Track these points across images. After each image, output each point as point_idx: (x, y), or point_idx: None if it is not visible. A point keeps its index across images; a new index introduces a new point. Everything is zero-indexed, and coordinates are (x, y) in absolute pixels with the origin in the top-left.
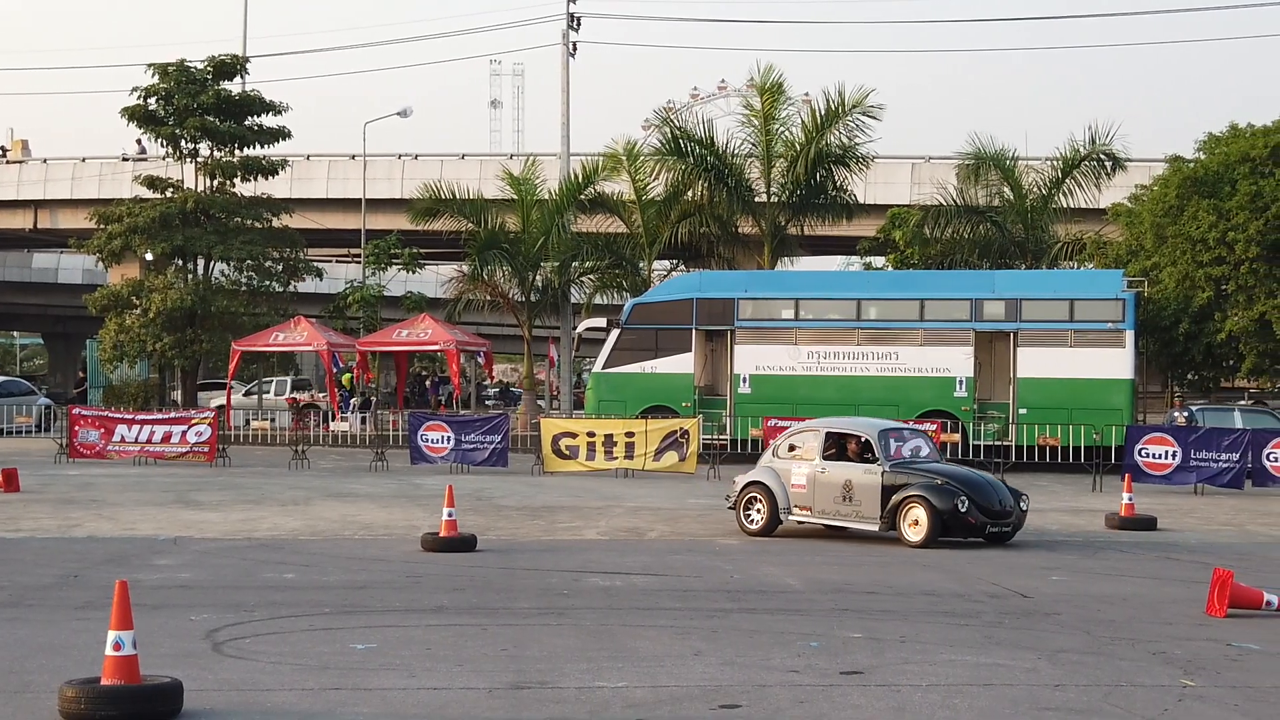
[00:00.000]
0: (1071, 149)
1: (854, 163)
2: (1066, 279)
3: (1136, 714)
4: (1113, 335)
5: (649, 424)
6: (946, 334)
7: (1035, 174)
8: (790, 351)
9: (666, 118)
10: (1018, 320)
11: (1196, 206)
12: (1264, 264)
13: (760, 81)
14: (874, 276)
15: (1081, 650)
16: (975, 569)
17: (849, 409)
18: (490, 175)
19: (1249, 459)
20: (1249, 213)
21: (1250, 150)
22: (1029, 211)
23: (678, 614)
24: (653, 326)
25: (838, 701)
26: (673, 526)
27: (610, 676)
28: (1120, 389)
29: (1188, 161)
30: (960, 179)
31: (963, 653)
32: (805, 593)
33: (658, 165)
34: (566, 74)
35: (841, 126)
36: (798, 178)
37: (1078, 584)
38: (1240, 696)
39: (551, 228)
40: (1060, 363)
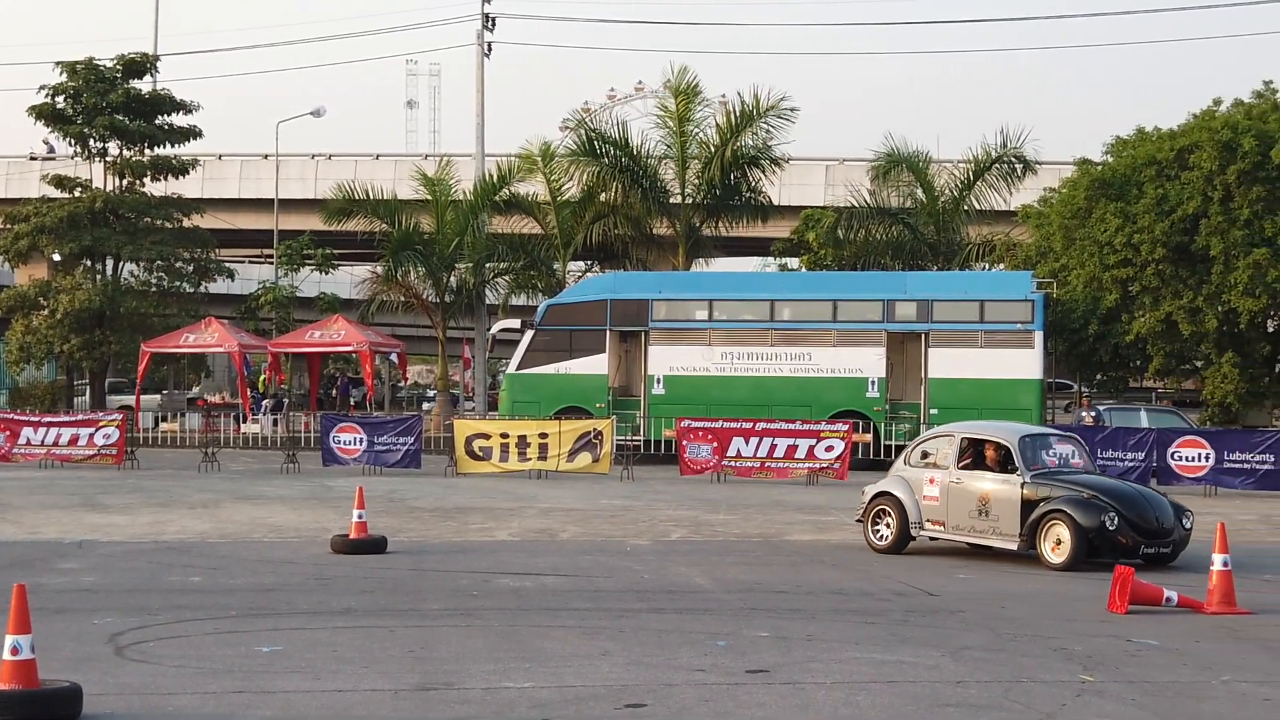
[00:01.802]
0: (983, 151)
1: (769, 164)
2: (977, 280)
3: (1035, 709)
4: (1022, 336)
5: (563, 425)
6: (859, 335)
7: (947, 176)
8: (704, 352)
9: (582, 119)
10: (929, 321)
11: (1104, 209)
12: (1169, 266)
13: (675, 83)
14: (787, 278)
15: (985, 647)
16: (884, 568)
17: (762, 409)
18: (405, 176)
19: (1154, 458)
20: (1154, 215)
21: (1156, 154)
22: (941, 213)
23: (587, 614)
24: (567, 328)
25: (743, 700)
26: (585, 527)
27: (517, 677)
28: (1029, 389)
29: (1095, 165)
30: (874, 180)
31: (868, 650)
32: (715, 592)
33: (572, 166)
34: (481, 74)
35: (756, 128)
36: (712, 179)
37: (985, 582)
38: (1137, 691)
39: (466, 228)
40: (971, 363)
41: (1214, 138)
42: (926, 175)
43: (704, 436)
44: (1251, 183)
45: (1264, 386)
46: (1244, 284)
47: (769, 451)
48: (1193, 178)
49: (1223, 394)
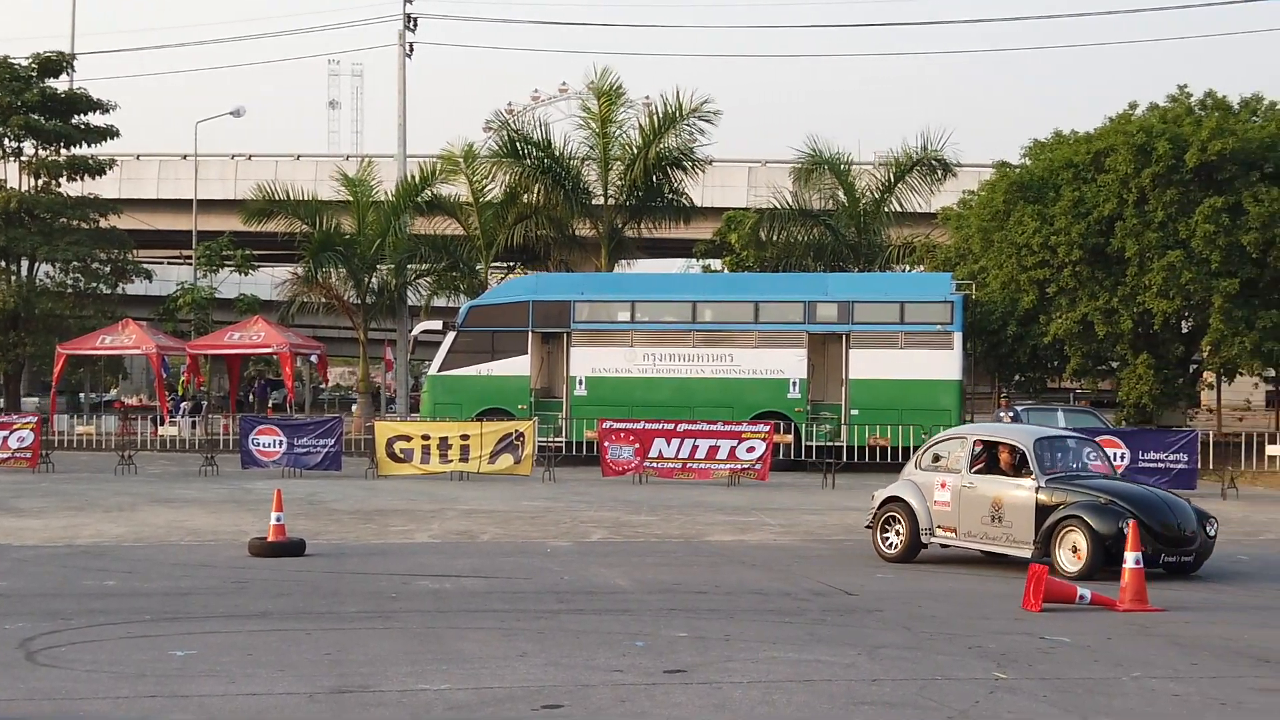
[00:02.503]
0: (904, 154)
1: (691, 166)
2: (897, 282)
3: (949, 706)
4: (942, 337)
5: (484, 426)
6: (780, 336)
7: (869, 178)
8: (626, 354)
9: (506, 120)
10: (850, 322)
11: (1022, 211)
12: (1086, 267)
13: (598, 84)
14: (709, 279)
15: (901, 646)
16: (803, 568)
17: (684, 410)
18: (327, 176)
19: None
20: (1071, 217)
21: (1073, 157)
22: (862, 215)
23: (506, 616)
24: (489, 329)
25: (659, 700)
26: (506, 529)
27: (434, 679)
28: (949, 390)
29: (1014, 167)
30: (796, 182)
31: (785, 650)
32: (634, 593)
33: (495, 168)
34: (403, 75)
35: (679, 130)
36: (635, 180)
37: (903, 581)
38: (1049, 688)
39: (388, 229)
40: (891, 364)
41: (1129, 141)
42: (848, 177)
43: (626, 438)
44: (1165, 186)
45: (1178, 387)
46: (1158, 286)
47: (690, 452)
48: (1108, 181)
49: (1138, 394)
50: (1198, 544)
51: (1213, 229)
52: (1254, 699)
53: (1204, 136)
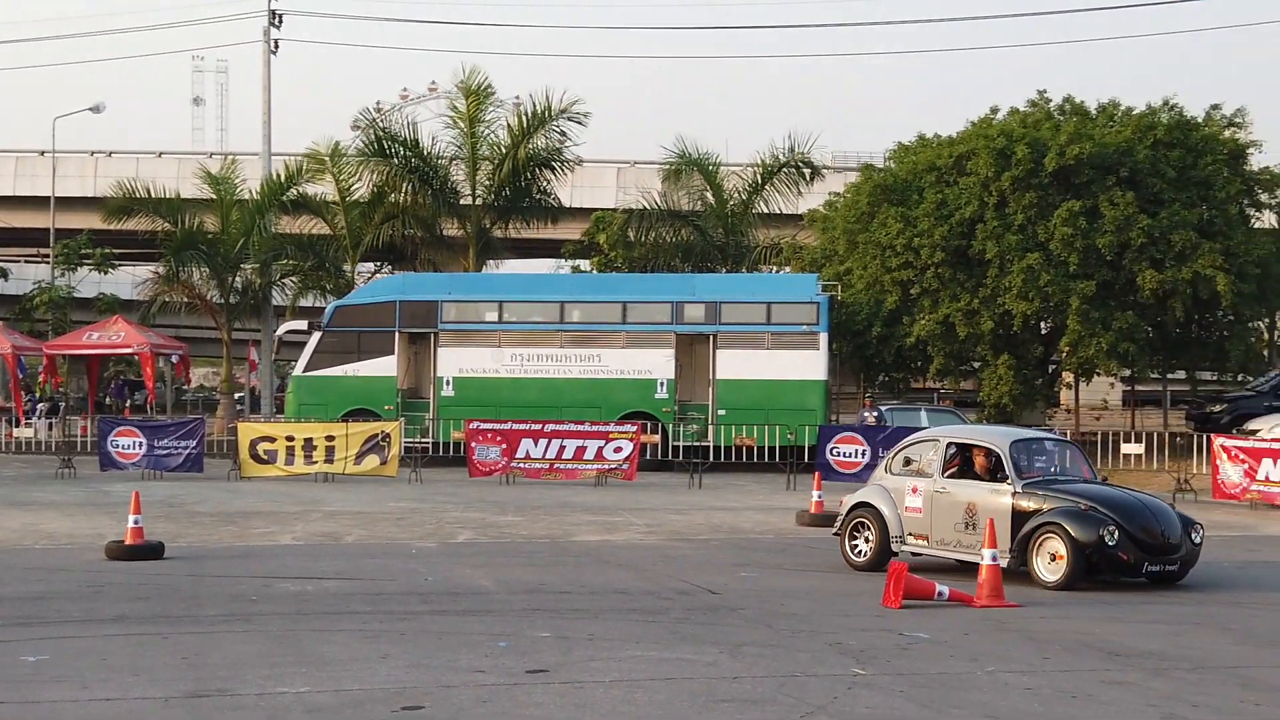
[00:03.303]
0: (771, 156)
1: (560, 166)
2: (764, 283)
3: (807, 702)
4: (807, 337)
5: (350, 427)
6: (648, 336)
7: (737, 180)
8: (494, 354)
9: (374, 119)
10: (717, 323)
11: (886, 213)
12: (948, 269)
13: (466, 84)
14: (577, 279)
15: (762, 643)
16: (667, 567)
17: (551, 411)
18: (190, 174)
19: None
20: (934, 219)
21: (936, 160)
22: (730, 216)
23: (368, 617)
24: (355, 329)
25: (521, 700)
26: (371, 530)
27: (293, 681)
28: (815, 390)
29: (878, 170)
30: (665, 183)
31: (648, 649)
32: (498, 593)
33: (362, 167)
34: (268, 72)
35: (549, 131)
36: (504, 180)
37: (766, 580)
38: (906, 683)
39: (252, 228)
40: (758, 364)
41: (990, 145)
42: (716, 178)
43: (493, 438)
44: (1025, 189)
45: (1037, 388)
46: (1018, 287)
47: (558, 453)
48: (970, 183)
49: (999, 395)
50: (1183, 552)
51: (1070, 232)
52: (1103, 691)
53: (1062, 141)
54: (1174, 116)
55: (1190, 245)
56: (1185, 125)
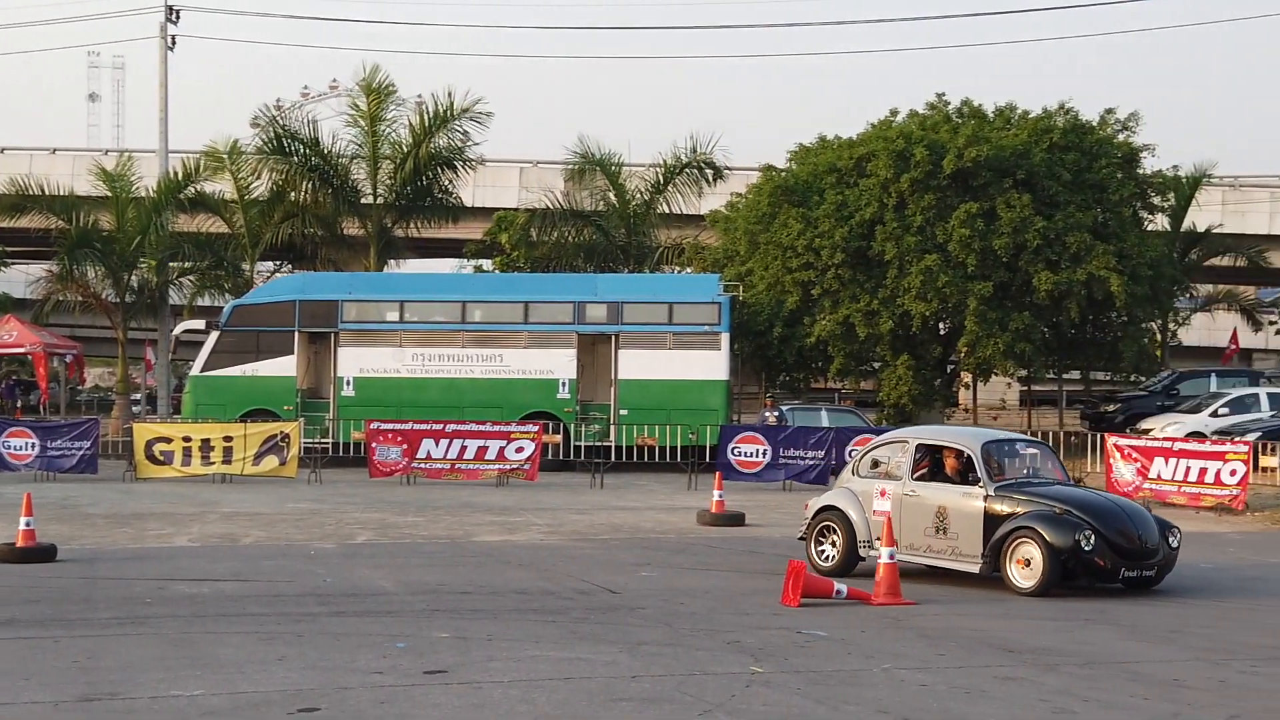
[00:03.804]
0: (674, 157)
1: (462, 165)
2: (666, 283)
3: (705, 700)
4: (709, 338)
5: (248, 428)
6: (550, 336)
7: (639, 180)
8: (395, 354)
9: (274, 117)
10: (619, 323)
11: (787, 214)
12: (848, 270)
13: (367, 81)
14: (479, 279)
15: (661, 642)
16: (567, 567)
17: (453, 411)
18: (85, 171)
19: (833, 456)
20: (834, 221)
21: (836, 161)
22: (632, 216)
23: (265, 619)
24: (254, 329)
25: (419, 701)
26: (269, 531)
27: (187, 685)
28: (716, 390)
29: (780, 171)
30: (568, 183)
31: (547, 648)
32: (398, 594)
33: (261, 165)
34: (165, 68)
35: (451, 130)
36: (405, 179)
37: (666, 579)
38: (803, 680)
39: (149, 227)
40: (660, 364)
41: (889, 147)
42: (619, 179)
43: (393, 438)
44: (924, 191)
45: (936, 388)
46: (916, 288)
47: (459, 453)
48: (870, 185)
49: (898, 394)
50: (1160, 556)
51: (968, 233)
52: (996, 687)
53: (960, 144)
54: (1069, 120)
55: (1085, 247)
56: (1080, 129)
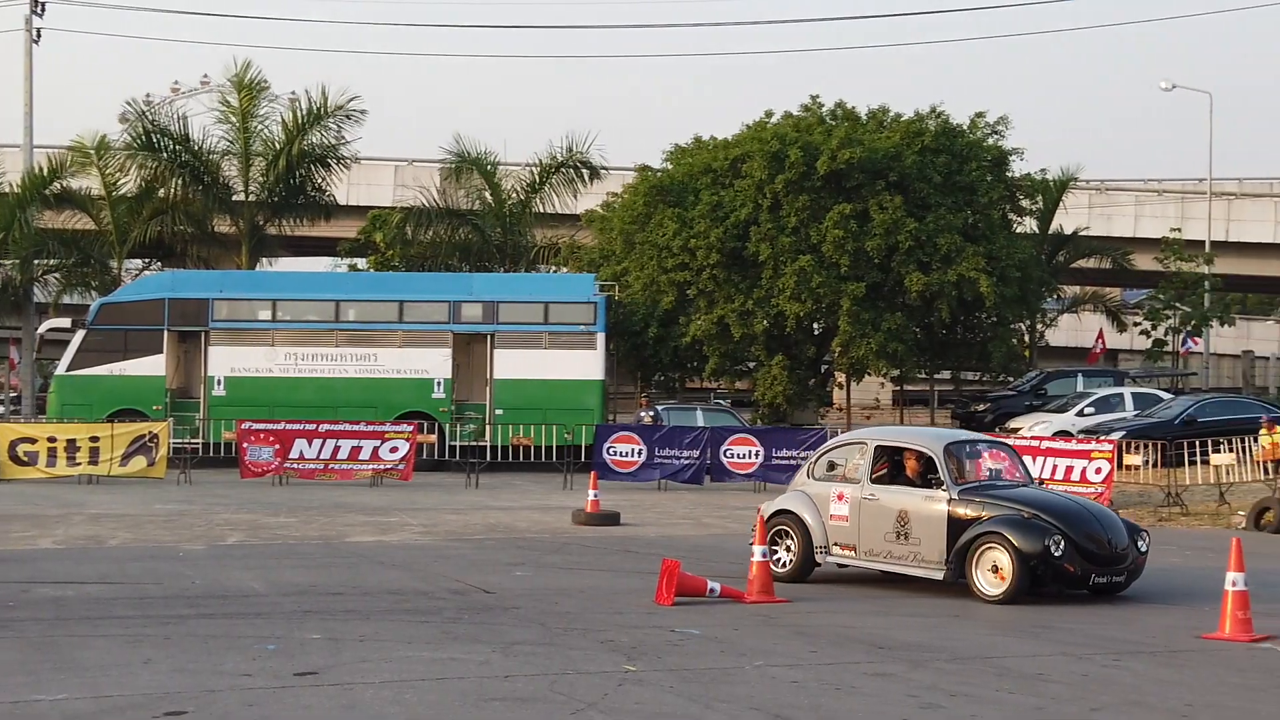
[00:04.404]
0: (550, 156)
1: (337, 163)
2: (542, 283)
3: (578, 700)
4: (585, 337)
5: (115, 428)
6: (425, 336)
7: (515, 179)
8: (267, 353)
9: (143, 112)
10: (495, 323)
11: (662, 214)
12: (723, 270)
13: (238, 77)
14: (353, 278)
15: (535, 642)
16: (441, 567)
17: (327, 411)
18: None
19: (709, 455)
20: (710, 221)
21: (712, 162)
22: (508, 216)
23: (131, 622)
24: (121, 327)
25: (288, 703)
26: (137, 533)
27: (50, 689)
28: (592, 389)
29: (655, 171)
30: (443, 181)
31: (420, 649)
32: (268, 596)
33: (129, 161)
34: (29, 62)
35: (325, 127)
36: (278, 177)
37: (540, 579)
38: (676, 679)
39: (12, 223)
40: (536, 364)
41: (764, 148)
42: (495, 178)
43: (265, 439)
44: (798, 192)
45: (810, 387)
46: (790, 289)
47: (333, 453)
48: (745, 186)
49: (773, 394)
50: (1129, 561)
51: (841, 234)
52: (866, 683)
53: (834, 145)
54: (940, 123)
55: (955, 249)
56: (951, 132)
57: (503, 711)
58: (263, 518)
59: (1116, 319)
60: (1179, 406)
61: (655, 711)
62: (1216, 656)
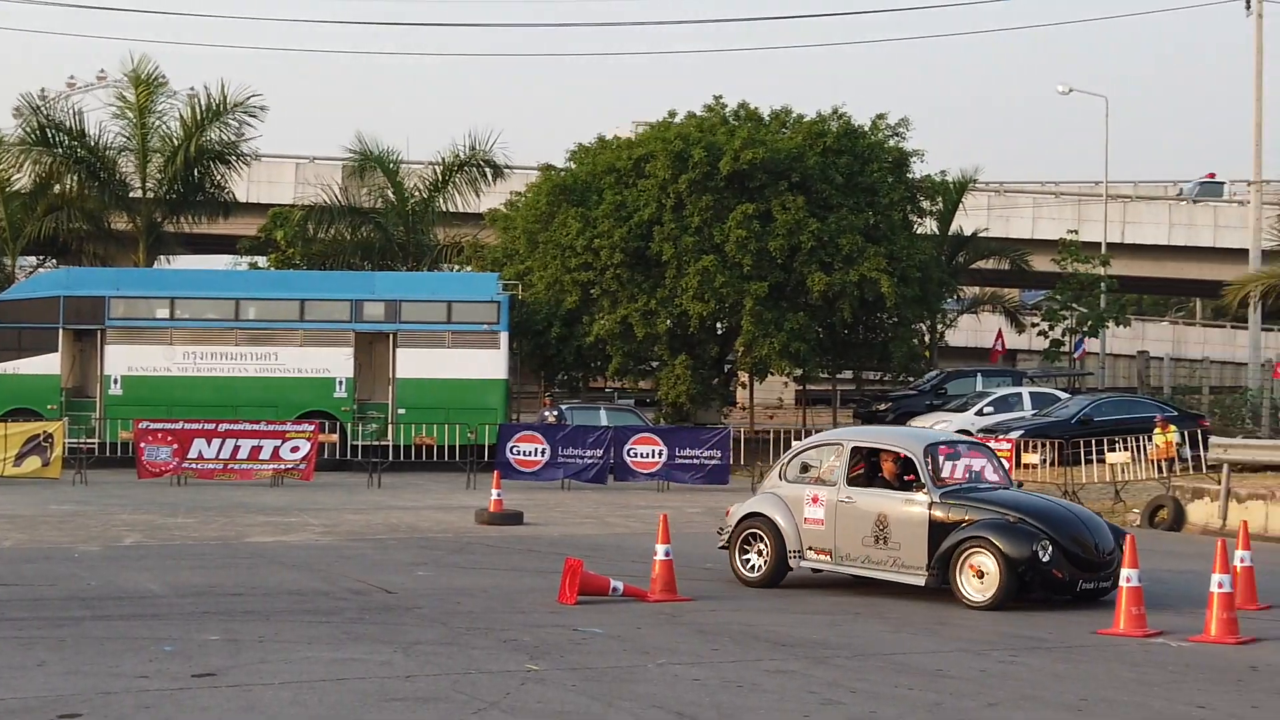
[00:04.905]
0: (452, 155)
1: (236, 160)
2: (445, 281)
3: (480, 699)
4: (488, 337)
5: (8, 428)
6: (326, 335)
7: (419, 178)
8: (165, 352)
9: (36, 106)
10: (397, 321)
11: (566, 214)
12: (626, 270)
13: (135, 72)
14: (254, 276)
15: (437, 641)
16: (343, 567)
17: (227, 410)
18: None
19: (612, 455)
20: (613, 221)
21: (616, 162)
22: (411, 214)
23: (24, 624)
24: (15, 325)
25: (186, 705)
26: (30, 534)
27: None
28: (495, 389)
29: (559, 170)
30: (346, 180)
31: (320, 649)
32: (167, 597)
33: (23, 156)
34: None
35: (224, 123)
36: (176, 173)
37: (442, 578)
38: (578, 677)
39: None
40: (439, 363)
41: (668, 148)
42: (398, 176)
43: (163, 438)
44: (702, 192)
45: (713, 387)
46: (694, 288)
47: (232, 453)
48: (648, 185)
49: (676, 393)
50: (1115, 566)
51: (745, 234)
52: (768, 680)
53: (737, 146)
54: (842, 125)
55: (857, 249)
56: (853, 133)
57: (404, 711)
58: (160, 518)
59: (1015, 319)
60: (1075, 406)
61: (558, 710)
62: (1111, 652)
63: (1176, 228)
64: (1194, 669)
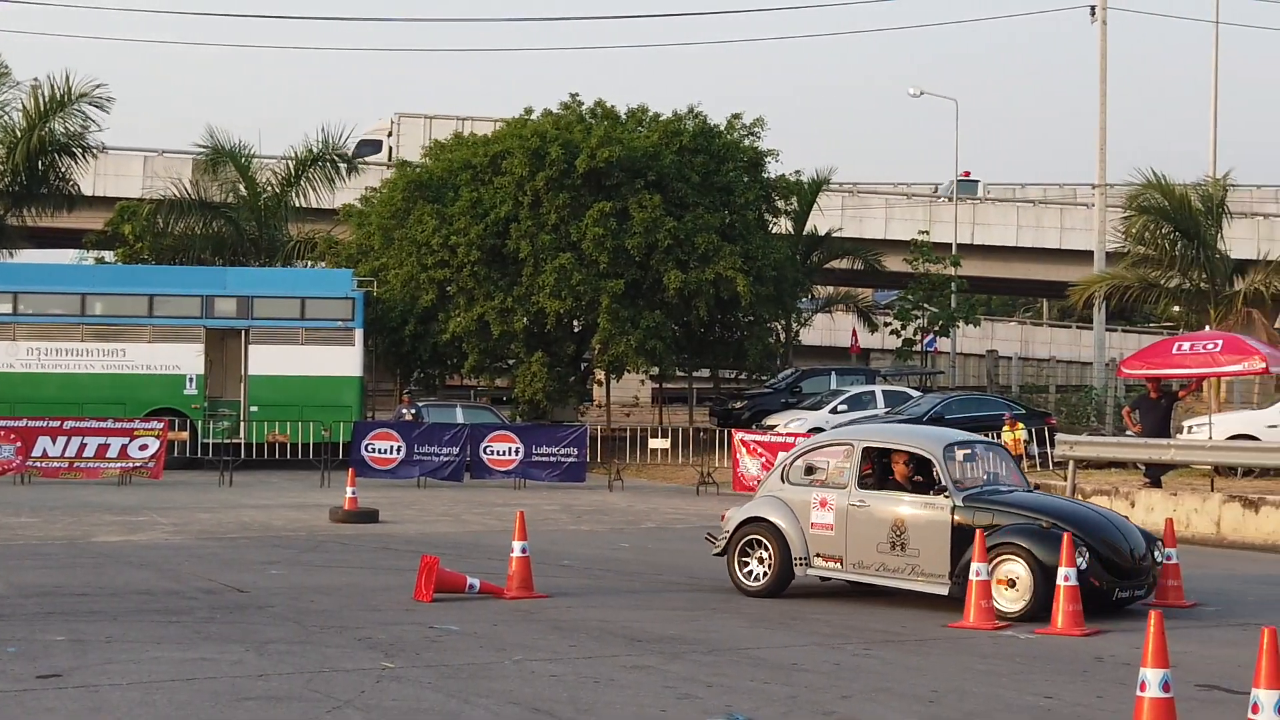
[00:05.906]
0: (306, 149)
1: (82, 152)
2: (299, 278)
3: (334, 697)
4: (343, 333)
5: None
6: (176, 331)
7: (272, 172)
8: (8, 348)
9: None
10: (249, 318)
11: (422, 210)
12: (483, 267)
13: None
14: (101, 271)
15: (290, 640)
16: (193, 567)
17: (73, 407)
18: None
19: (468, 452)
20: (470, 218)
21: (472, 158)
22: (263, 209)
23: None
24: None
25: (30, 706)
26: None
27: None
28: (350, 386)
29: (415, 166)
30: (196, 174)
31: (169, 649)
32: (9, 597)
33: None
34: None
35: (69, 114)
36: (18, 166)
37: (296, 577)
38: (434, 674)
39: None
40: (292, 360)
41: (524, 145)
42: (250, 171)
43: (6, 436)
44: (558, 190)
45: (570, 385)
46: (550, 286)
47: (79, 451)
48: (505, 183)
49: (532, 391)
50: (1149, 573)
51: (601, 232)
52: (624, 676)
53: (593, 144)
54: (698, 124)
55: (713, 248)
56: (708, 132)
57: (257, 711)
58: (3, 518)
59: (868, 319)
60: (927, 404)
61: (413, 708)
62: (962, 644)
63: (1024, 229)
64: (1041, 660)
